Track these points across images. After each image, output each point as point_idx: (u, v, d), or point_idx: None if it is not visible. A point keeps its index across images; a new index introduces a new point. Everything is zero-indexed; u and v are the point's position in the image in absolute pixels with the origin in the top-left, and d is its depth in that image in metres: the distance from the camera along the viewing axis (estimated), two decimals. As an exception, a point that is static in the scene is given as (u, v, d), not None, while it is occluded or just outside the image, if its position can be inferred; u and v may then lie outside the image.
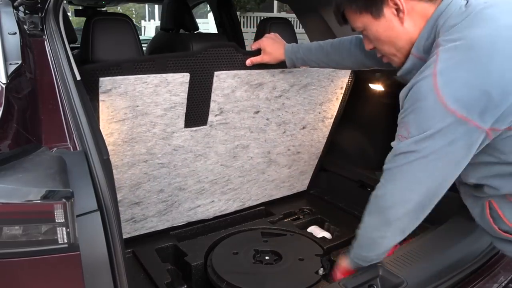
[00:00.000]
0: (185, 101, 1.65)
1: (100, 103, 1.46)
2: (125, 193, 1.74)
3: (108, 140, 1.52)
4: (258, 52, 1.72)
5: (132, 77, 1.48)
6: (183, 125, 1.71)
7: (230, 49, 1.67)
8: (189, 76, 1.60)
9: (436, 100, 0.94)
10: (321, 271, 1.70)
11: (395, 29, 1.11)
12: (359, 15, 1.14)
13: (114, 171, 1.59)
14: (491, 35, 0.95)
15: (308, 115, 2.07)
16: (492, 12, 1.00)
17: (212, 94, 1.70)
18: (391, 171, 1.08)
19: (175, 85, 1.58)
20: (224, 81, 1.70)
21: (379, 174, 1.34)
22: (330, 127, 2.20)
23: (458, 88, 0.93)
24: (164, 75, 1.54)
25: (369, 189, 2.02)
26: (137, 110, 1.56)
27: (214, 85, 1.68)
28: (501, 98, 0.91)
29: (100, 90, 1.43)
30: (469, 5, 1.04)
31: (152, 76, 1.52)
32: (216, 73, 1.66)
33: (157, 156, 1.73)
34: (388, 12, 1.10)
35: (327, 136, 2.22)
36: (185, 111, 1.67)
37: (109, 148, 1.16)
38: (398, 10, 1.08)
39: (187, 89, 1.62)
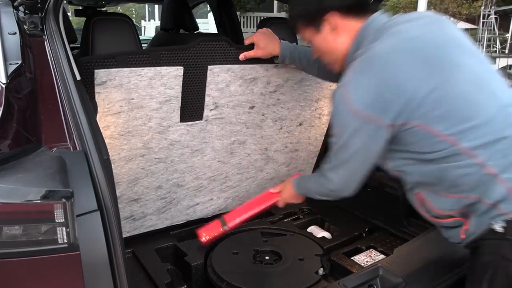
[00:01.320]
0: (179, 95, 1.66)
1: (96, 95, 1.48)
2: (123, 189, 1.75)
3: (104, 133, 1.53)
4: (251, 46, 1.74)
5: (126, 70, 1.50)
6: (179, 119, 1.72)
7: (223, 43, 1.69)
8: (183, 70, 1.61)
9: (345, 106, 1.16)
10: (321, 271, 1.70)
11: (332, 42, 1.33)
12: (305, 28, 1.38)
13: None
14: (389, 48, 1.16)
15: (304, 112, 2.07)
16: (403, 27, 1.20)
17: (207, 89, 1.72)
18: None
19: (169, 78, 1.60)
20: (218, 75, 1.71)
21: (379, 174, 1.34)
22: (327, 125, 2.20)
23: (361, 93, 1.14)
24: (158, 68, 1.56)
25: (369, 188, 2.02)
26: (132, 103, 1.58)
27: (208, 79, 1.70)
28: (394, 98, 1.11)
29: (95, 82, 1.46)
30: (389, 21, 1.24)
31: (146, 69, 1.54)
32: (209, 67, 1.68)
33: (154, 151, 1.74)
34: (326, 28, 1.31)
35: (324, 133, 2.23)
36: (180, 105, 1.69)
37: (106, 141, 1.17)
38: (333, 27, 1.30)
39: (181, 82, 1.64)
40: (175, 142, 1.78)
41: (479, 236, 1.17)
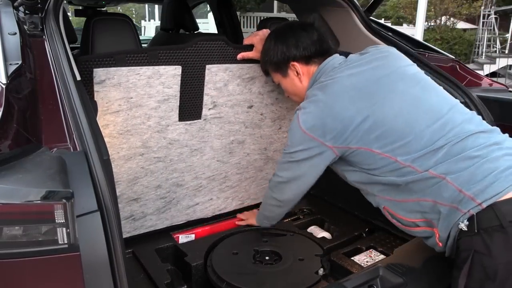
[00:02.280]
0: (178, 94, 1.67)
1: (95, 94, 1.49)
2: (123, 189, 1.75)
3: (103, 132, 1.53)
4: (249, 47, 1.75)
5: (125, 69, 1.51)
6: (177, 118, 1.73)
7: (220, 43, 1.69)
8: (181, 69, 1.62)
9: (298, 128, 1.40)
10: (321, 271, 1.70)
11: (296, 84, 1.60)
12: (275, 73, 1.66)
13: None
14: (334, 84, 1.41)
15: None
16: (349, 69, 1.44)
17: (205, 88, 1.72)
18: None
19: (168, 77, 1.61)
20: (216, 75, 1.72)
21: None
22: None
23: (308, 118, 1.39)
24: (156, 67, 1.57)
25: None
26: (131, 101, 1.58)
27: (206, 78, 1.70)
28: (333, 124, 1.35)
29: (94, 81, 1.46)
30: (338, 66, 1.48)
31: (144, 68, 1.55)
32: (208, 66, 1.68)
33: (153, 150, 1.75)
34: (291, 74, 1.59)
35: None
36: (178, 104, 1.69)
37: (106, 140, 1.17)
38: (296, 72, 1.58)
39: (180, 81, 1.64)
40: (174, 141, 1.78)
41: (454, 239, 1.26)
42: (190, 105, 1.74)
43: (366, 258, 1.82)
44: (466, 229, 1.20)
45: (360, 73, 1.42)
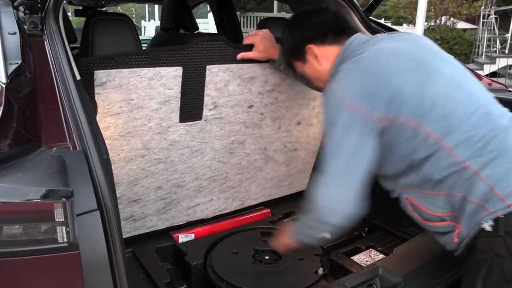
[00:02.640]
0: (179, 95, 1.67)
1: (96, 96, 1.48)
2: (124, 190, 1.75)
3: (104, 134, 1.52)
4: (249, 47, 1.75)
5: (126, 70, 1.50)
6: (178, 120, 1.72)
7: (221, 43, 1.69)
8: (182, 70, 1.62)
9: (337, 100, 1.23)
10: (320, 271, 1.70)
11: (316, 68, 1.48)
12: (296, 62, 1.55)
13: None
14: (377, 50, 1.29)
15: (302, 111, 2.07)
16: (384, 41, 1.35)
17: (206, 88, 1.72)
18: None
19: (169, 78, 1.61)
20: (217, 75, 1.72)
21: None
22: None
23: (353, 87, 1.23)
24: (157, 68, 1.56)
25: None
26: (132, 103, 1.58)
27: (207, 79, 1.70)
28: (382, 91, 1.19)
29: (95, 83, 1.46)
30: (367, 40, 1.37)
31: (145, 69, 1.54)
32: (208, 66, 1.68)
33: (154, 151, 1.74)
34: (310, 58, 1.47)
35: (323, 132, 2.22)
36: (179, 105, 1.69)
37: (105, 142, 1.16)
38: (314, 56, 1.46)
39: (181, 82, 1.64)
40: (175, 143, 1.78)
41: (471, 237, 1.20)
42: (191, 106, 1.73)
43: (365, 258, 1.83)
44: (490, 229, 1.15)
45: (401, 46, 1.32)
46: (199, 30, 2.78)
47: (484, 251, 1.18)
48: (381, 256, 1.82)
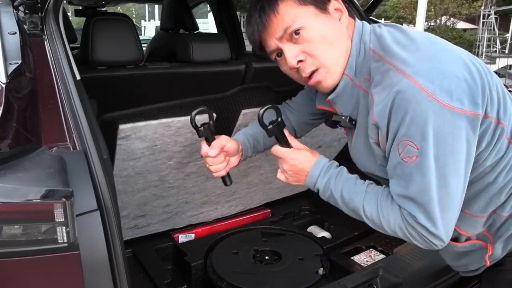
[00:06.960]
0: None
1: (117, 147, 1.41)
2: (132, 210, 1.72)
3: (120, 174, 1.46)
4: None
5: (154, 123, 1.41)
6: (200, 156, 1.68)
7: (263, 90, 1.63)
8: (215, 117, 1.46)
9: (429, 99, 0.86)
10: (321, 271, 1.70)
11: (339, 29, 1.01)
12: (300, 7, 0.98)
13: (122, 195, 1.54)
14: (432, 36, 1.00)
15: (326, 137, 2.03)
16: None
17: (234, 129, 1.68)
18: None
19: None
20: (248, 117, 1.66)
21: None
22: (344, 145, 2.14)
23: (441, 81, 0.88)
24: (188, 117, 1.33)
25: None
26: (155, 148, 1.50)
27: (238, 122, 1.66)
28: (473, 86, 0.90)
29: (118, 136, 1.38)
30: (379, 27, 1.04)
31: (176, 119, 1.44)
32: (243, 111, 1.62)
33: (169, 182, 1.70)
34: (332, 10, 1.02)
35: (339, 151, 2.19)
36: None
37: (121, 179, 1.09)
38: (339, 10, 1.02)
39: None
40: (192, 173, 1.73)
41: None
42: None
43: (366, 258, 1.82)
44: None
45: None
46: (199, 30, 2.79)
47: None
48: (382, 256, 1.82)
